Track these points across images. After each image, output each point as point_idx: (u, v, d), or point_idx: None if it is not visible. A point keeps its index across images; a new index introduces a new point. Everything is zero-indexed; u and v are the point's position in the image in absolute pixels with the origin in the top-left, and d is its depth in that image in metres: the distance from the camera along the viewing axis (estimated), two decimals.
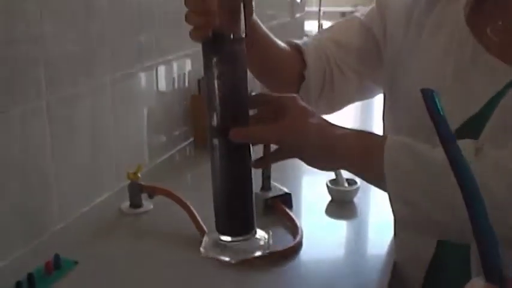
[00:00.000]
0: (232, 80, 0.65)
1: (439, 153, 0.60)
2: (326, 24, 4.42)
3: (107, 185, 1.16)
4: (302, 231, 0.97)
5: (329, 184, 1.14)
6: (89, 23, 1.07)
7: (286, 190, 1.10)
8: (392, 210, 0.65)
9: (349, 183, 1.15)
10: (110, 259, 0.92)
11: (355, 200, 1.13)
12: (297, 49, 0.86)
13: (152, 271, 0.89)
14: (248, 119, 0.66)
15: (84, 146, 1.09)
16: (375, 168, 0.64)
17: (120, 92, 1.18)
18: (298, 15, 2.60)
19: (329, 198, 1.14)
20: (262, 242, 0.68)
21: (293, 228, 0.99)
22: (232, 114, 0.65)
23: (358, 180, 1.15)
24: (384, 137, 0.67)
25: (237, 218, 0.68)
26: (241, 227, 0.68)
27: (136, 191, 1.08)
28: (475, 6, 0.78)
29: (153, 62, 1.32)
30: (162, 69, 1.36)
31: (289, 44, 0.86)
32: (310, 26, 3.70)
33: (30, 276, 0.83)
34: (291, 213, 1.03)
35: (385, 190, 0.65)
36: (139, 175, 1.08)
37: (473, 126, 0.72)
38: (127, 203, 1.09)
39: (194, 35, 0.64)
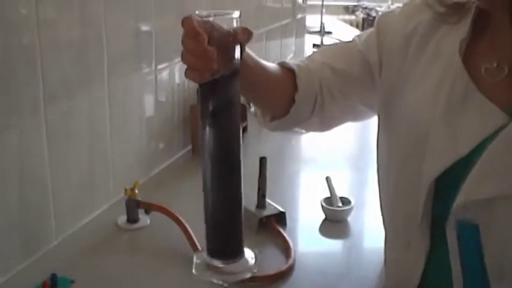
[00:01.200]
0: (229, 120, 0.66)
1: None
2: (329, 18, 4.42)
3: (105, 197, 1.17)
4: (295, 254, 0.99)
5: (323, 203, 1.15)
6: (85, 29, 1.07)
7: (280, 209, 1.11)
8: None
9: (343, 203, 1.16)
10: (106, 277, 0.94)
11: (349, 219, 1.15)
12: (290, 71, 0.86)
13: None
14: (240, 160, 0.67)
15: (81, 158, 1.10)
16: None
17: (118, 102, 1.19)
18: (299, 15, 2.61)
19: (323, 216, 1.15)
20: (251, 263, 0.70)
21: (286, 250, 1.01)
22: (224, 147, 0.67)
23: (352, 199, 1.17)
24: None
25: (228, 244, 0.71)
26: (232, 252, 0.70)
27: (133, 207, 1.09)
28: (472, 44, 0.78)
29: (152, 69, 1.32)
30: (161, 77, 1.37)
31: (282, 66, 0.87)
32: (313, 22, 3.69)
33: None
34: (285, 234, 1.05)
35: None
36: (136, 191, 1.09)
37: (460, 169, 0.73)
38: (124, 217, 1.11)
39: (191, 76, 0.64)
